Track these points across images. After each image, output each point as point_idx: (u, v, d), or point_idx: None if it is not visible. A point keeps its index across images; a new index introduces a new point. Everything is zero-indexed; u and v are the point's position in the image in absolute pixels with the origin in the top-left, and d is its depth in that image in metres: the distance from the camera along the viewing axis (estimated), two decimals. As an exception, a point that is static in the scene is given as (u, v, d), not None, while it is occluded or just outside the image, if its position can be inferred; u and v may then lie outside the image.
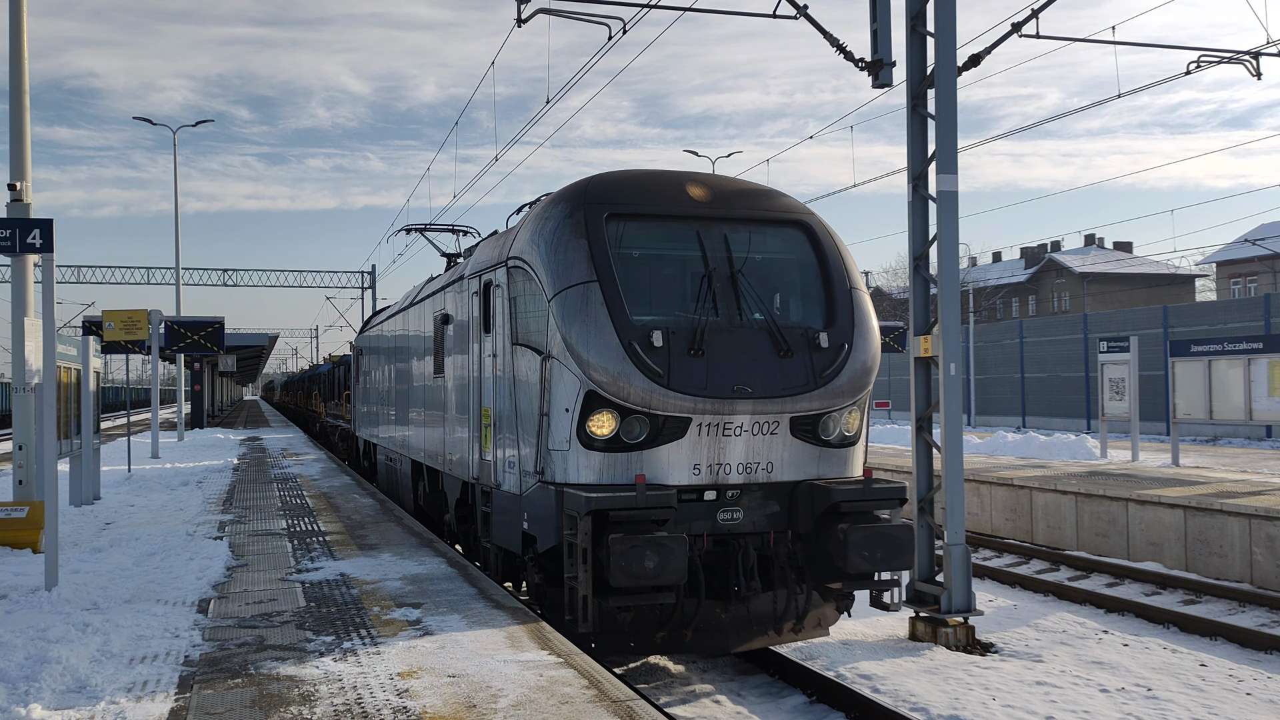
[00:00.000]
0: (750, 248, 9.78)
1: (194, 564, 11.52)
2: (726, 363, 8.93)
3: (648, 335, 8.80)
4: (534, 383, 9.31)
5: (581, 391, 8.74)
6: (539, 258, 9.38)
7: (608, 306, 8.81)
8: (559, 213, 9.55)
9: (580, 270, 9.02)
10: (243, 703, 6.61)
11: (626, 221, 9.50)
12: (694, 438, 8.90)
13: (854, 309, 9.69)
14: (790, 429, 9.23)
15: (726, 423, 8.94)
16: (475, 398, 11.38)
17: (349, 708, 6.45)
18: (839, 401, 9.32)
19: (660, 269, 9.46)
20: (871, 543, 8.90)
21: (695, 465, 9.00)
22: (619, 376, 8.62)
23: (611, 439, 8.83)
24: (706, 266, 9.42)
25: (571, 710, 6.34)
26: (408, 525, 14.99)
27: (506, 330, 10.07)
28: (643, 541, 8.13)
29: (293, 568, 11.54)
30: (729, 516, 9.16)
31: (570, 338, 8.78)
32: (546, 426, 9.08)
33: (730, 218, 9.80)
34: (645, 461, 8.85)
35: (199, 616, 9.11)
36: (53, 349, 11.35)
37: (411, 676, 7.12)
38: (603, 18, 13.07)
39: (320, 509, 17.17)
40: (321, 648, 7.94)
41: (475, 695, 6.67)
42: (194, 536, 13.75)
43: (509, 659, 7.50)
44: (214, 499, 18.84)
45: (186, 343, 34.54)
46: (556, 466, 9.01)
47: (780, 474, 9.30)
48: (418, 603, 9.53)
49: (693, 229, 9.62)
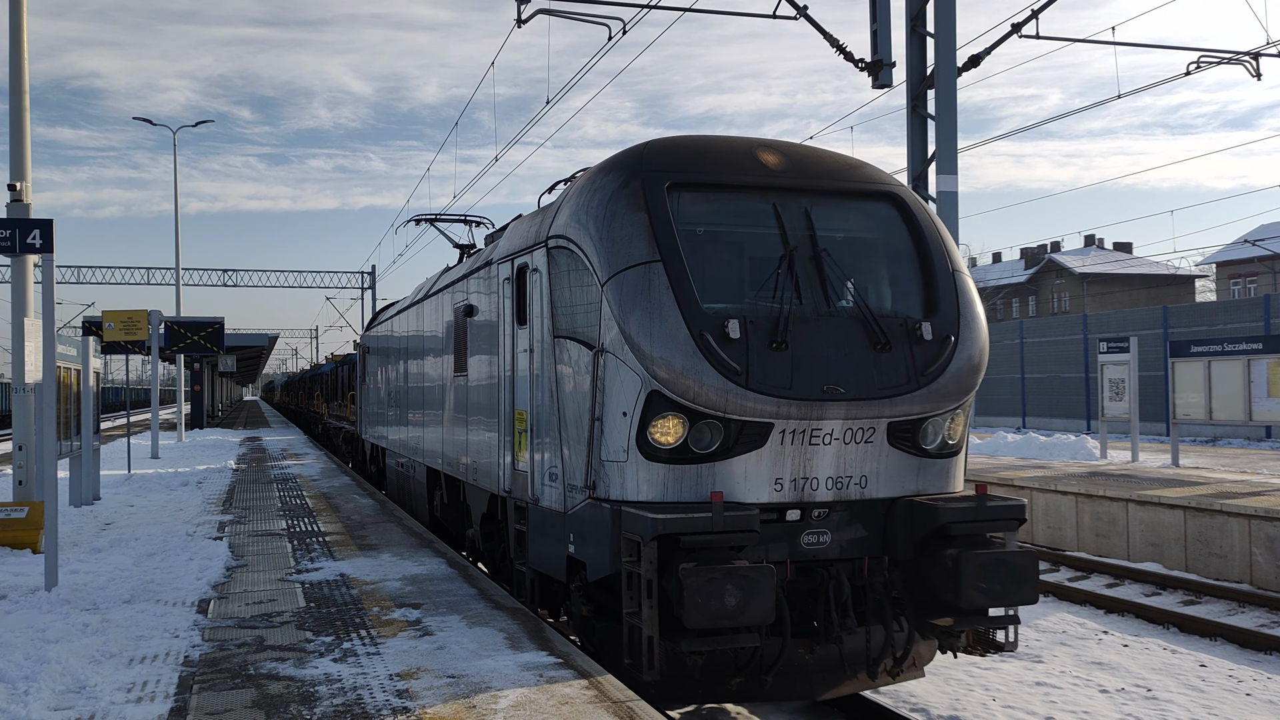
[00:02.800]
0: (835, 223, 8.49)
1: (193, 564, 11.52)
2: (814, 358, 7.70)
3: (722, 325, 7.53)
4: (582, 382, 8.09)
5: (643, 392, 7.49)
6: (588, 235, 8.10)
7: (674, 290, 7.55)
8: (611, 182, 8.23)
9: (640, 248, 7.75)
10: (242, 703, 6.61)
11: (691, 192, 8.21)
12: (775, 447, 7.63)
13: (958, 295, 8.42)
14: (887, 436, 7.94)
15: (814, 429, 7.68)
16: (506, 399, 10.05)
17: (349, 708, 6.44)
18: (944, 404, 8.07)
19: (731, 248, 8.21)
20: (990, 572, 7.61)
21: (777, 480, 7.71)
22: (688, 373, 7.37)
23: (678, 448, 7.57)
24: (786, 245, 8.12)
25: (571, 711, 6.34)
26: (407, 526, 14.99)
27: (546, 321, 8.80)
28: (722, 574, 6.88)
29: (292, 568, 11.54)
30: (815, 540, 7.90)
31: (629, 328, 7.54)
32: (599, 433, 7.82)
33: (811, 188, 8.47)
34: (717, 475, 7.62)
35: (198, 617, 9.10)
36: (52, 349, 11.34)
37: (411, 677, 7.12)
38: (602, 18, 13.08)
39: (320, 509, 17.17)
40: (321, 648, 7.94)
41: (475, 696, 6.66)
42: (194, 537, 13.74)
43: (509, 659, 7.50)
44: (214, 499, 18.84)
45: (186, 343, 34.55)
46: (611, 480, 7.75)
47: (875, 489, 7.99)
48: (417, 603, 9.52)
49: (768, 201, 8.32)
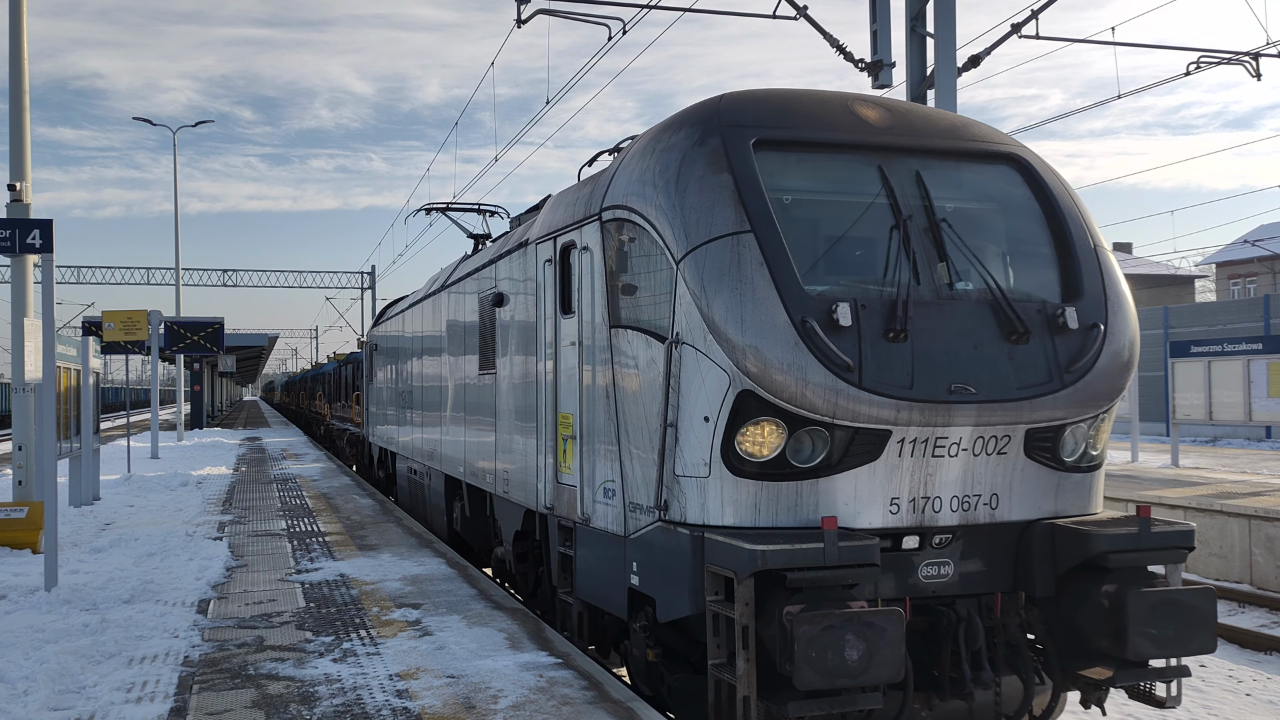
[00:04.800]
0: (951, 189, 7.22)
1: (193, 564, 11.52)
2: (938, 350, 6.39)
3: (829, 310, 6.20)
4: (649, 380, 6.87)
5: (730, 392, 6.19)
6: (656, 203, 6.86)
7: (769, 267, 6.25)
8: (684, 140, 6.96)
9: (725, 217, 6.44)
10: (242, 703, 6.61)
11: (780, 151, 6.92)
12: (892, 460, 6.32)
13: (1104, 275, 7.07)
14: (1024, 446, 6.61)
15: (939, 437, 6.34)
16: (547, 400, 8.75)
17: (348, 708, 6.45)
18: (1091, 406, 6.68)
19: (831, 217, 6.88)
20: (1161, 615, 6.22)
21: (892, 500, 6.38)
22: (789, 369, 6.05)
23: (773, 461, 6.25)
24: (897, 214, 6.80)
25: (571, 711, 6.34)
26: (407, 526, 15.00)
27: (600, 309, 7.59)
28: (841, 621, 5.58)
29: (292, 568, 11.54)
30: (935, 572, 6.59)
31: (713, 314, 6.26)
32: (673, 443, 6.53)
33: (921, 148, 7.20)
34: (821, 495, 6.29)
35: (198, 617, 9.10)
36: (52, 349, 11.35)
37: (411, 677, 7.12)
38: (602, 18, 13.09)
39: (320, 509, 17.17)
40: (321, 648, 7.94)
41: (474, 696, 6.67)
42: (193, 537, 13.75)
43: (509, 660, 7.50)
44: (213, 499, 18.84)
45: (186, 343, 34.58)
46: (689, 500, 6.43)
47: (1007, 510, 6.65)
48: (417, 603, 9.53)
49: (872, 163, 7.04)
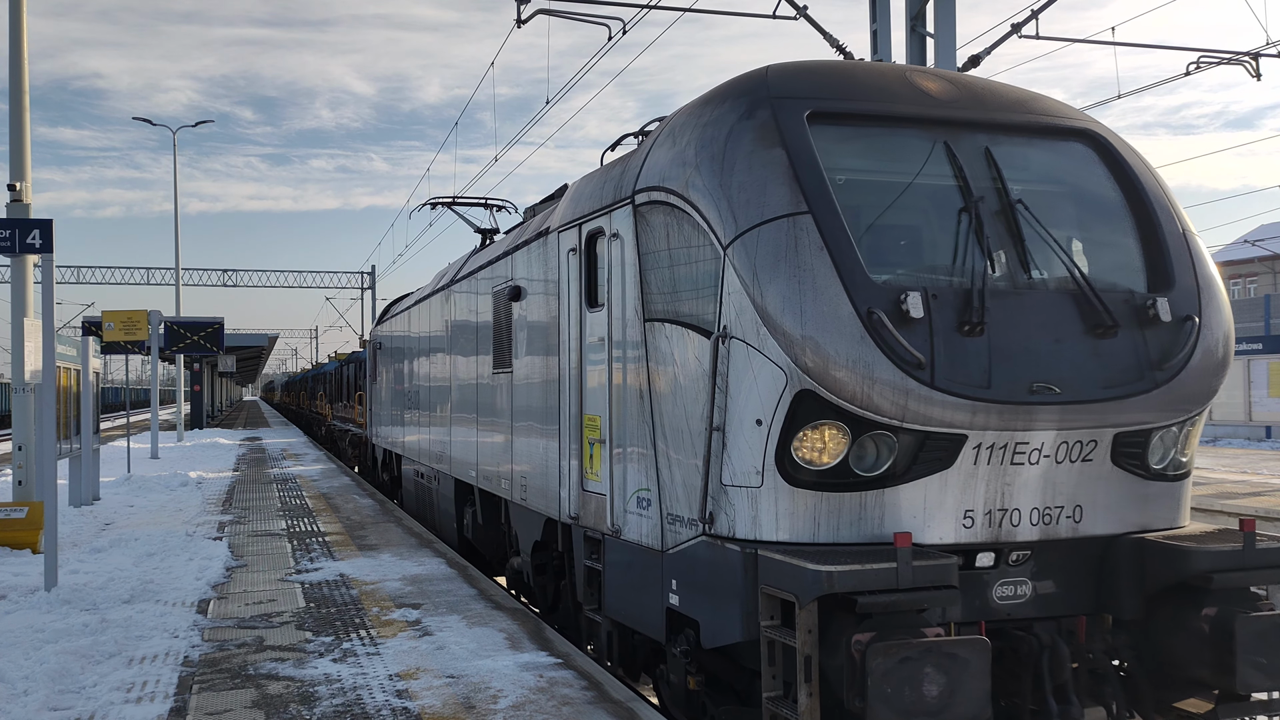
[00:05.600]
0: (1023, 168, 6.61)
1: (193, 564, 11.53)
2: (1017, 346, 5.80)
3: (897, 301, 5.60)
4: (690, 379, 6.27)
5: (787, 391, 5.58)
6: (700, 182, 6.24)
7: (830, 253, 5.63)
8: (729, 113, 6.35)
9: (779, 196, 5.83)
10: (242, 703, 6.60)
11: (836, 125, 6.31)
12: (967, 467, 5.73)
13: (1195, 263, 6.44)
14: (1110, 452, 6.01)
15: (1019, 443, 5.75)
16: (570, 400, 8.14)
17: (348, 708, 6.44)
18: (1185, 408, 6.09)
19: (893, 198, 6.29)
20: (1272, 643, 5.64)
21: (966, 512, 5.78)
22: (854, 366, 5.45)
23: (834, 469, 5.65)
24: (967, 195, 6.19)
25: (571, 711, 6.34)
26: (407, 526, 15.00)
27: (632, 300, 7.00)
28: (919, 652, 4.97)
29: (292, 568, 11.54)
30: (1011, 593, 5.97)
31: (767, 304, 5.65)
32: (720, 448, 5.94)
33: (990, 123, 6.59)
34: (887, 507, 5.71)
35: (198, 617, 9.10)
36: (52, 349, 11.34)
37: (411, 677, 7.12)
38: (602, 18, 13.09)
39: (320, 509, 17.17)
40: (321, 648, 7.94)
41: (474, 696, 6.66)
42: (193, 537, 13.75)
43: (509, 659, 7.50)
44: (213, 499, 18.84)
45: (186, 343, 34.59)
46: (738, 512, 5.83)
47: (1091, 524, 6.03)
48: (417, 603, 9.53)
49: (937, 138, 6.42)
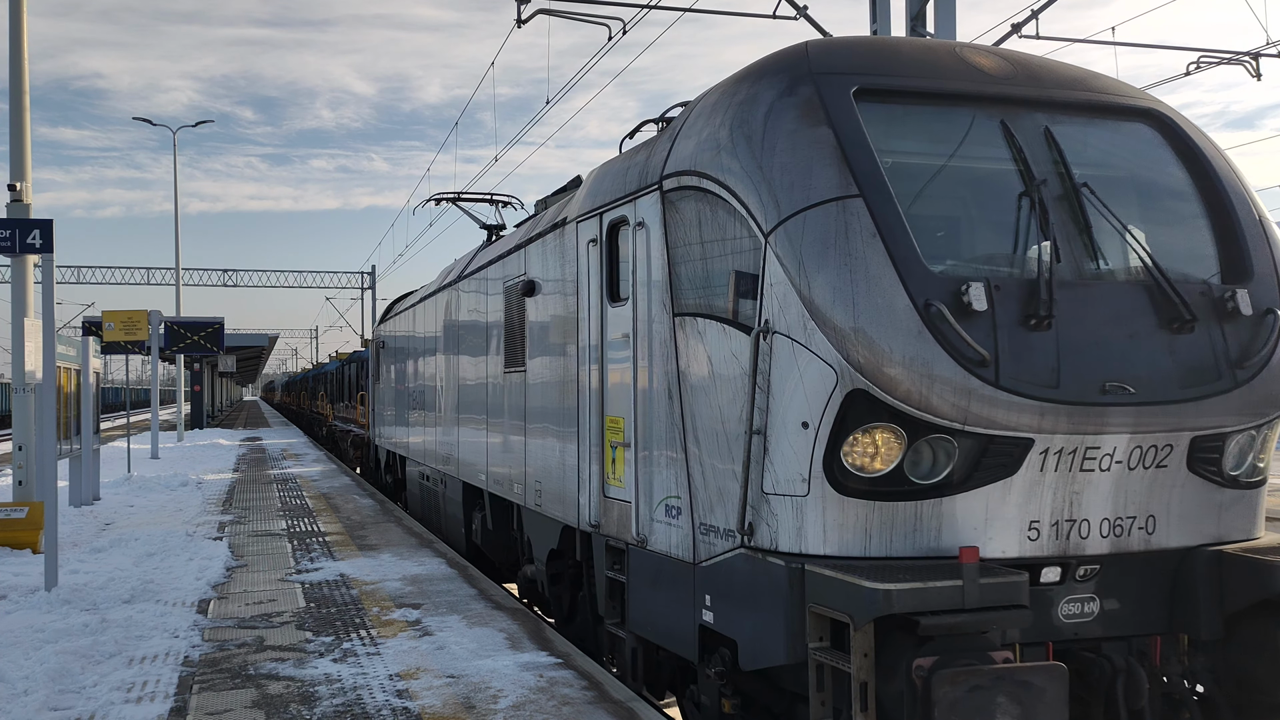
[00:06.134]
0: (1086, 150, 6.10)
1: (193, 564, 11.53)
2: (1087, 342, 5.35)
3: (958, 292, 5.16)
4: (727, 377, 5.84)
5: (838, 391, 5.14)
6: (737, 165, 5.78)
7: (884, 239, 5.20)
8: (768, 90, 5.87)
9: (826, 178, 5.37)
10: (242, 703, 6.61)
11: (884, 103, 5.84)
12: (1032, 474, 5.28)
13: (1274, 252, 6.06)
14: (1187, 457, 5.57)
15: (1090, 448, 5.31)
16: (590, 401, 7.68)
17: (348, 708, 6.44)
18: (1267, 409, 5.66)
19: (948, 181, 5.82)
20: None
21: (1031, 523, 5.34)
22: (912, 364, 5.02)
23: (888, 476, 5.22)
24: (1028, 178, 5.72)
25: (571, 711, 6.34)
26: (407, 526, 15.00)
27: (660, 294, 6.55)
28: (991, 679, 4.58)
29: (292, 568, 11.54)
30: (1078, 610, 5.52)
31: (814, 296, 5.21)
32: (760, 453, 5.49)
33: (1048, 101, 6.11)
34: (944, 518, 5.27)
35: (198, 617, 9.10)
36: (52, 350, 11.34)
37: (411, 677, 7.12)
38: (602, 18, 13.08)
39: (320, 509, 17.18)
40: (321, 648, 7.94)
41: (474, 696, 6.66)
42: (193, 537, 13.76)
43: (509, 659, 7.50)
44: (213, 499, 18.85)
45: (186, 343, 34.60)
46: (781, 523, 5.40)
47: (1164, 535, 5.59)
48: (417, 603, 9.53)
49: (993, 117, 5.95)
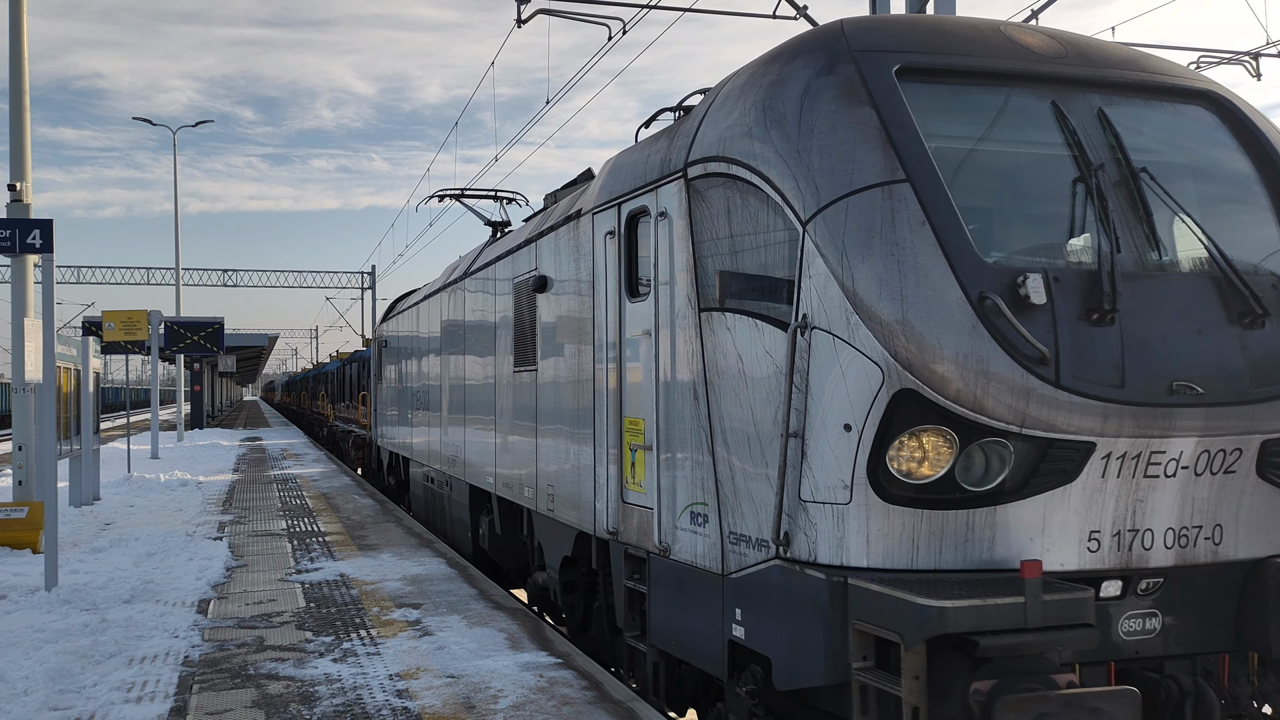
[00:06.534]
0: (1143, 133, 5.73)
1: (193, 564, 11.53)
2: (1153, 337, 5.00)
3: (1014, 284, 4.83)
4: (760, 376, 5.48)
5: (884, 391, 4.79)
6: (770, 149, 5.43)
7: (934, 228, 4.87)
8: (804, 69, 5.51)
9: (870, 162, 5.04)
10: (242, 703, 6.60)
11: (928, 83, 5.46)
12: (1093, 481, 4.95)
13: None
14: (1256, 463, 5.22)
15: (1155, 452, 4.97)
16: (608, 402, 7.33)
17: (348, 708, 6.44)
18: None
19: (998, 165, 5.46)
20: None
21: (1091, 534, 5.01)
22: (966, 362, 4.67)
23: (938, 483, 4.87)
24: (1084, 163, 5.36)
25: (572, 711, 6.33)
26: (407, 526, 15.00)
27: (684, 288, 6.19)
28: (1059, 706, 4.31)
29: (292, 568, 11.54)
30: (1140, 627, 5.19)
31: (858, 288, 4.86)
32: (798, 458, 5.14)
33: (1101, 81, 5.74)
34: (999, 527, 4.93)
35: (198, 617, 9.10)
36: (52, 350, 11.35)
37: (411, 677, 7.12)
38: (602, 18, 13.08)
39: (320, 509, 17.17)
40: (321, 648, 7.94)
41: (474, 696, 6.66)
42: (193, 537, 13.75)
43: (509, 659, 7.50)
44: (213, 499, 18.85)
45: (186, 343, 34.59)
46: (821, 533, 5.03)
47: (1233, 546, 5.24)
48: (417, 603, 9.53)
49: (1044, 98, 5.58)
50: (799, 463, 5.13)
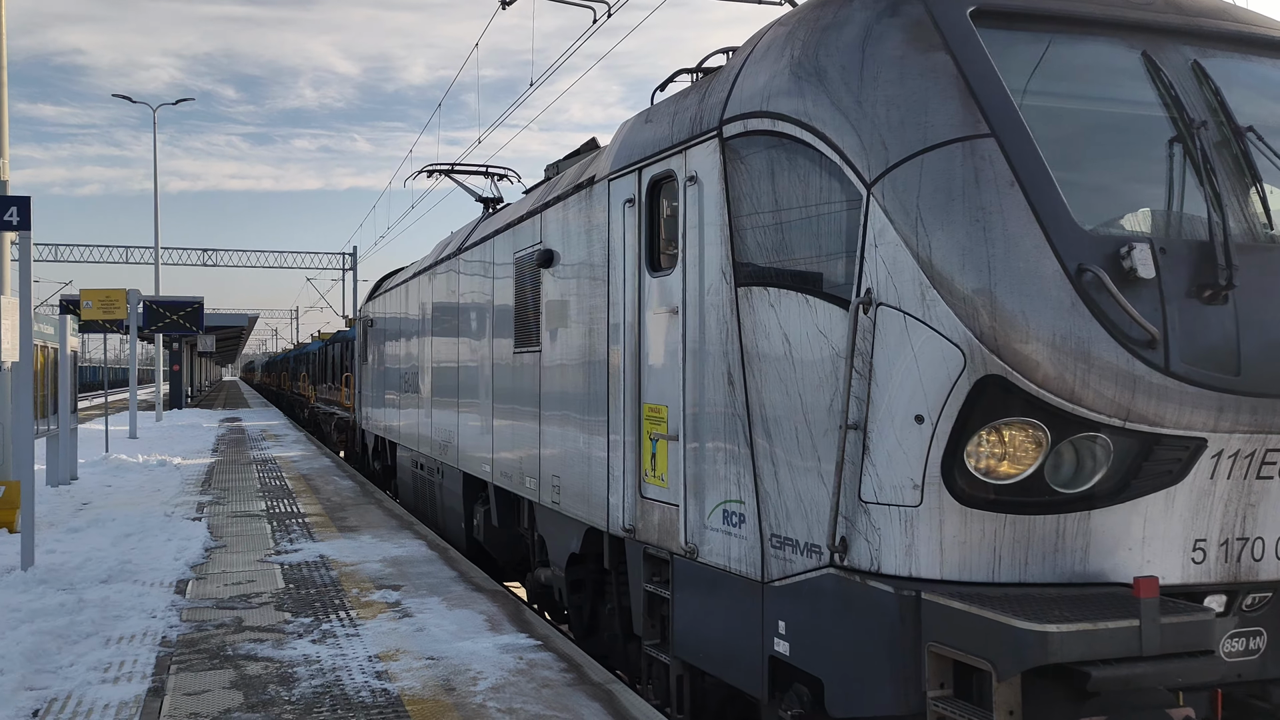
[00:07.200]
0: (1243, 89, 5.04)
1: (171, 545, 11.48)
2: (1271, 319, 4.39)
3: (1116, 255, 4.24)
4: (811, 360, 4.87)
5: (965, 377, 4.21)
6: (827, 100, 4.80)
7: (1024, 190, 4.27)
8: (865, 10, 4.89)
9: (949, 113, 4.44)
10: (220, 684, 6.59)
11: (1006, 29, 4.81)
12: (1201, 483, 4.40)
13: None
14: None
15: (1271, 450, 4.44)
16: (625, 386, 6.67)
17: (327, 689, 6.44)
18: None
19: (1087, 121, 4.81)
20: None
21: (1196, 543, 4.47)
22: (1064, 345, 4.08)
23: (1024, 483, 4.30)
24: (1182, 122, 4.72)
25: (551, 693, 6.35)
26: (388, 508, 14.97)
27: (718, 261, 5.56)
28: None
29: (271, 549, 11.51)
30: (1243, 647, 4.64)
31: (934, 258, 4.27)
32: (858, 452, 4.56)
33: (1197, 31, 5.09)
34: (1094, 535, 4.39)
35: (176, 597, 9.07)
36: (29, 328, 11.25)
37: (390, 659, 7.12)
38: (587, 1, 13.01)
39: (300, 491, 17.12)
40: (300, 629, 7.93)
41: (454, 678, 6.67)
42: (172, 517, 13.70)
43: (489, 641, 7.50)
44: (192, 480, 18.76)
45: (165, 322, 34.38)
46: (886, 538, 4.46)
47: None
48: (397, 585, 9.52)
49: (1134, 48, 4.93)
50: (859, 458, 4.54)
